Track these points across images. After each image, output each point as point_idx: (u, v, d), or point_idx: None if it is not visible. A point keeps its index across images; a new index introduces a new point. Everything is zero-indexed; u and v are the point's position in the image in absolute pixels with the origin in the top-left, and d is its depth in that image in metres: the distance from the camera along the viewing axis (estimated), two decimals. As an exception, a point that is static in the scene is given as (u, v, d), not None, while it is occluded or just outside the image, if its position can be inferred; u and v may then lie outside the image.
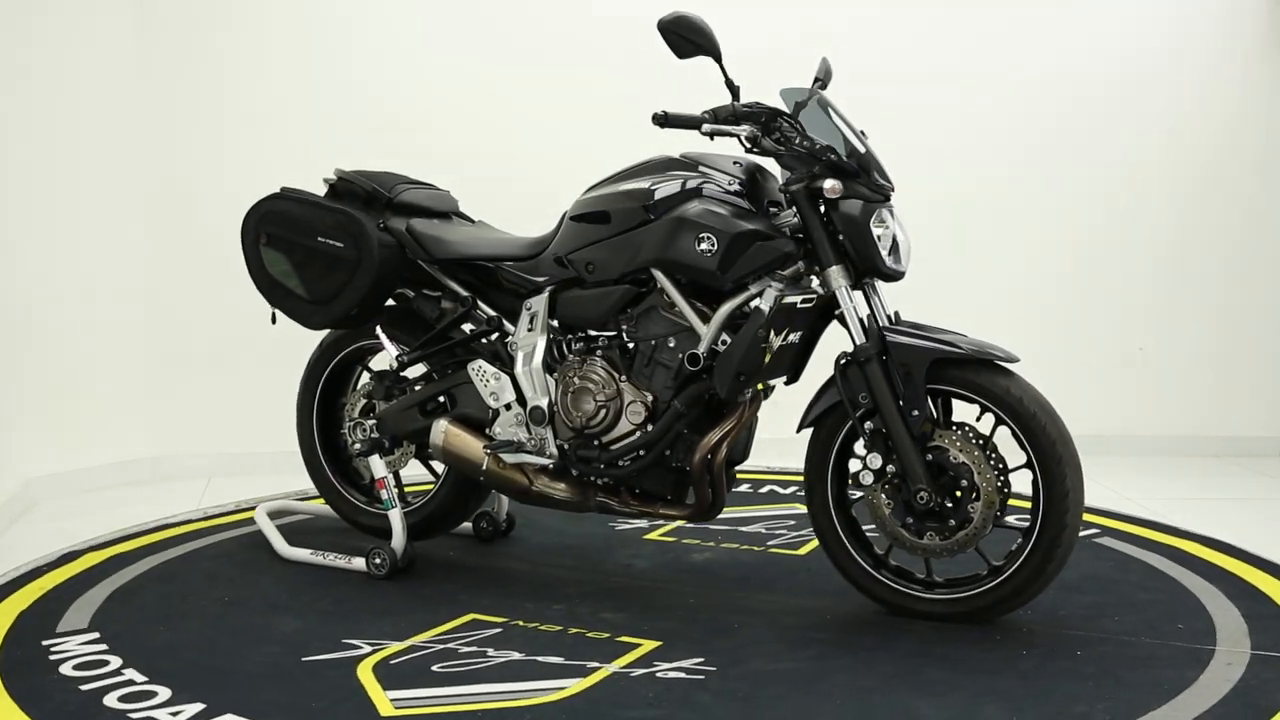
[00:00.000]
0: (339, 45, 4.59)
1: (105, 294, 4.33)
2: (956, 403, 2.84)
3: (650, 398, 2.92)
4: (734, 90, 2.89)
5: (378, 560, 3.16)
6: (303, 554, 3.33)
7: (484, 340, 3.19)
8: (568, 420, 3.00)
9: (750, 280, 2.81)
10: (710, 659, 2.60)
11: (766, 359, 2.80)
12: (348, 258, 3.15)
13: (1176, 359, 4.95)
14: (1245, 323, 4.96)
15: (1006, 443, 2.76)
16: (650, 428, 2.91)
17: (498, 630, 2.77)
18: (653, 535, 3.59)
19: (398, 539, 3.19)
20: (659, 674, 2.53)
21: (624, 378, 2.96)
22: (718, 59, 2.83)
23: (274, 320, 3.37)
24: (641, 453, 2.92)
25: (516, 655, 2.62)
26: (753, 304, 2.82)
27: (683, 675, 2.52)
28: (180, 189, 4.43)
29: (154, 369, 4.46)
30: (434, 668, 2.55)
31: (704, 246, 2.80)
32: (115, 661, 2.57)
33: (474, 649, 2.66)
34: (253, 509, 3.79)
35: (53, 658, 2.60)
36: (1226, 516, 3.85)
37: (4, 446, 3.90)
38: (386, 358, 3.35)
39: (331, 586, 3.11)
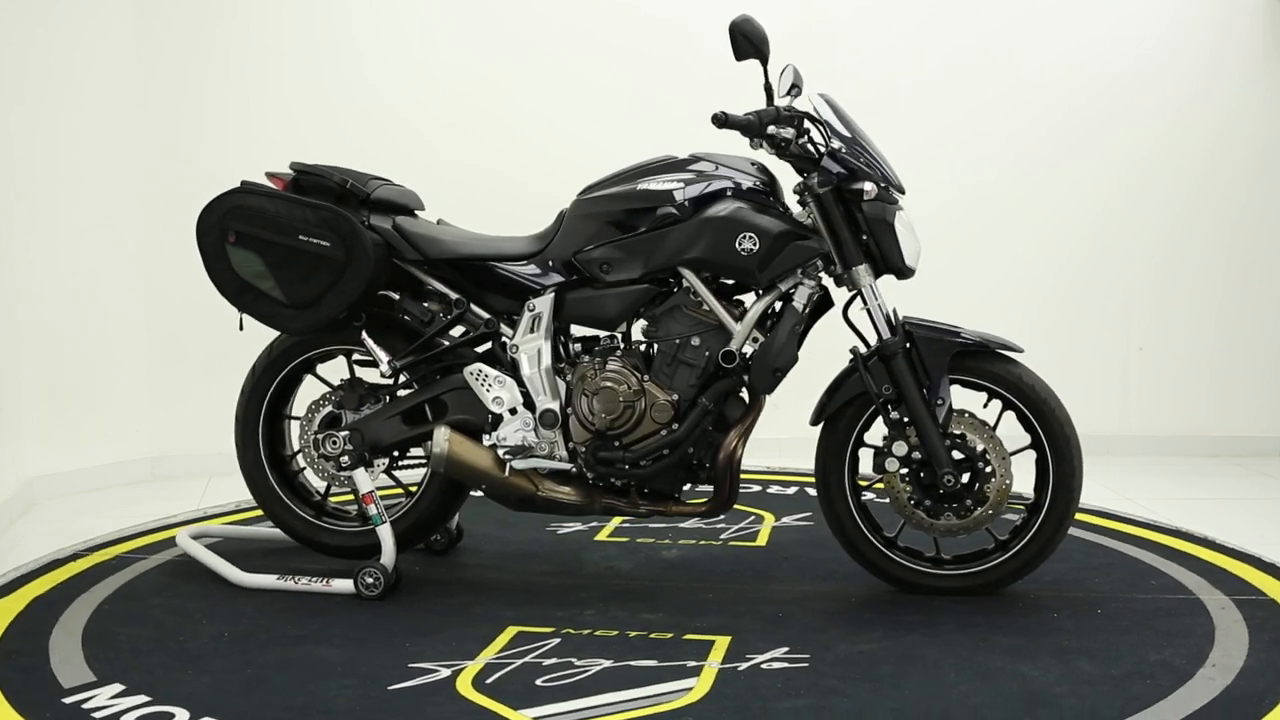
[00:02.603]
0: (344, 44, 4.57)
1: (106, 294, 4.32)
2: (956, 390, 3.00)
3: (675, 397, 2.94)
4: (770, 94, 2.96)
5: (370, 580, 2.96)
6: (266, 580, 3.05)
7: (483, 343, 3.10)
8: (586, 423, 2.97)
9: (780, 279, 2.90)
10: (794, 648, 2.63)
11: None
12: (335, 258, 2.95)
13: (1176, 359, 4.96)
14: (1245, 323, 4.97)
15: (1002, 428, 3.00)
16: (676, 427, 2.93)
17: (556, 641, 2.67)
18: (602, 537, 3.56)
19: (389, 555, 3.00)
20: (764, 666, 2.53)
21: (646, 377, 2.96)
22: (765, 63, 2.91)
23: (241, 326, 3.14)
24: (666, 452, 2.94)
25: (606, 662, 2.54)
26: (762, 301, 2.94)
27: (787, 665, 2.54)
28: (181, 189, 4.40)
29: (154, 369, 4.45)
30: (538, 682, 2.44)
31: (746, 246, 2.86)
32: (181, 714, 2.30)
33: (556, 660, 2.55)
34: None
35: (99, 715, 2.30)
36: (1227, 516, 3.87)
37: (4, 446, 3.88)
38: (339, 365, 3.19)
39: (328, 612, 2.88)
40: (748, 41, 2.86)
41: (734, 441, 2.93)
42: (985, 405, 2.99)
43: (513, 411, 3.00)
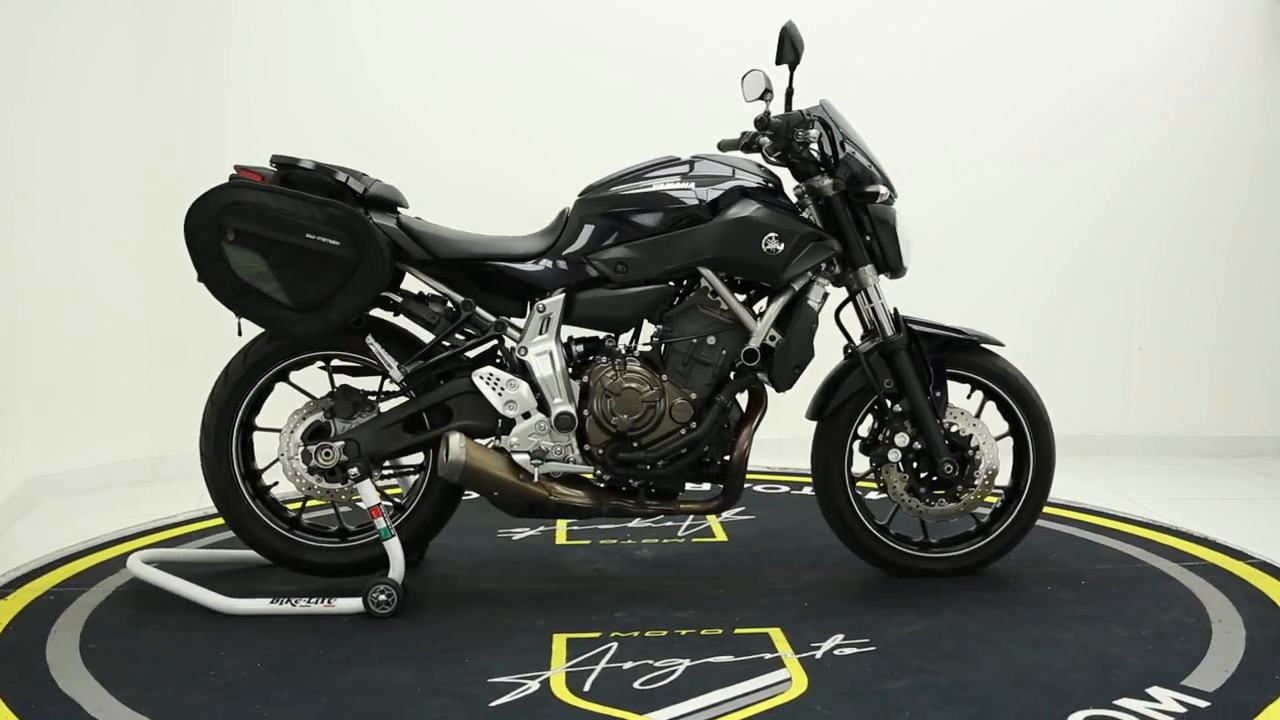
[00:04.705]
0: (344, 44, 4.56)
1: (106, 294, 4.32)
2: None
3: (694, 396, 2.96)
4: (790, 98, 3.03)
5: (382, 597, 2.83)
6: (257, 605, 2.86)
7: (493, 346, 3.02)
8: (605, 424, 2.94)
9: (795, 278, 2.98)
10: (848, 634, 2.73)
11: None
12: (345, 258, 2.80)
13: (1177, 359, 4.96)
14: (1246, 323, 4.97)
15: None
16: (695, 426, 2.96)
17: (614, 645, 2.66)
18: (562, 540, 3.54)
19: (398, 570, 2.88)
20: (837, 653, 2.62)
21: (664, 377, 2.97)
22: (794, 69, 2.98)
23: (240, 332, 2.96)
24: (684, 451, 2.96)
25: (685, 661, 2.56)
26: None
27: (858, 650, 2.64)
28: (181, 189, 4.36)
29: (154, 369, 4.45)
30: (635, 685, 2.44)
31: (772, 246, 2.92)
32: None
33: (633, 664, 2.55)
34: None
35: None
36: (1227, 517, 3.87)
37: (4, 446, 3.88)
38: (307, 373, 3.06)
39: (348, 633, 2.76)
40: (792, 47, 2.94)
41: (746, 439, 2.99)
42: (969, 396, 3.18)
43: (526, 415, 2.95)
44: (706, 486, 3.13)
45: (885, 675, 2.49)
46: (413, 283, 3.04)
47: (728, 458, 3.02)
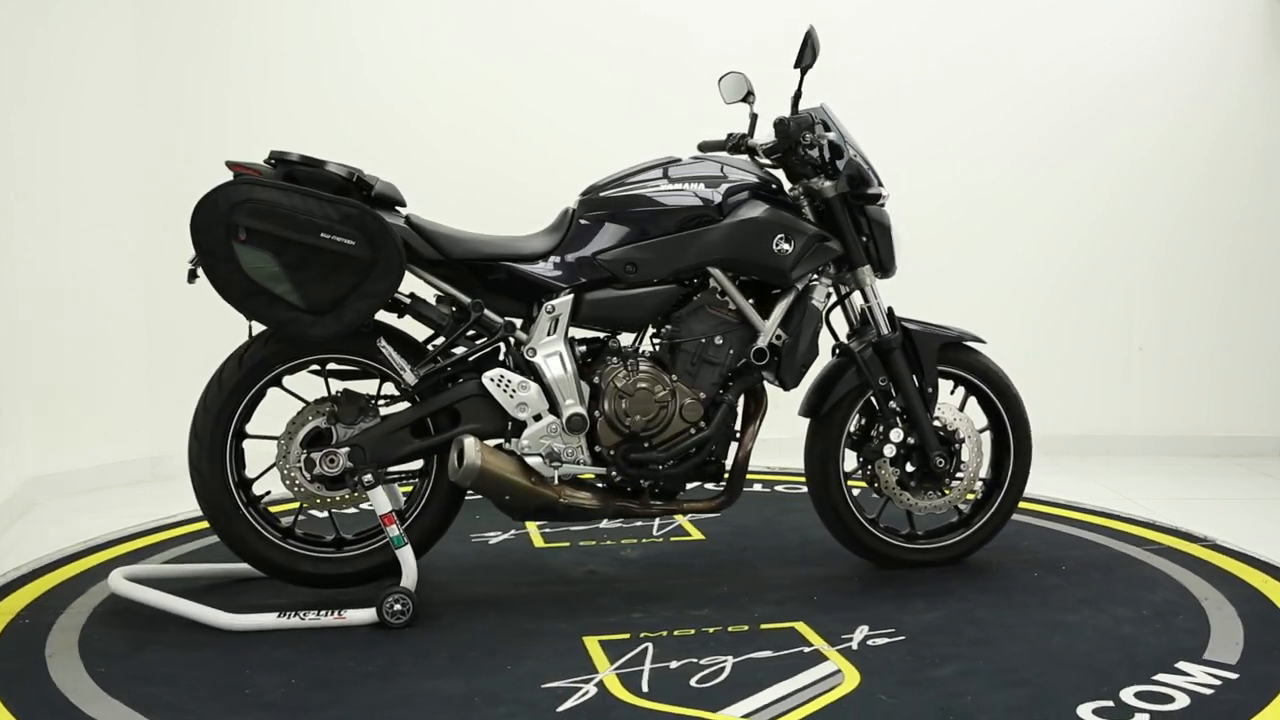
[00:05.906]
0: (344, 44, 4.56)
1: (106, 294, 4.32)
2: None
3: (703, 395, 2.98)
4: (795, 102, 3.07)
5: (398, 606, 2.75)
6: (263, 621, 2.74)
7: (502, 347, 2.96)
8: (618, 425, 2.93)
9: (801, 279, 3.02)
10: (873, 625, 2.77)
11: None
12: (359, 258, 2.69)
13: (1177, 359, 4.96)
14: (1246, 323, 4.97)
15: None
16: (704, 425, 2.96)
17: (649, 646, 2.64)
18: (541, 544, 3.52)
19: (411, 578, 2.80)
20: (870, 643, 2.66)
21: (673, 378, 2.97)
22: (805, 73, 3.03)
23: (250, 333, 2.85)
24: (693, 451, 2.96)
25: (729, 658, 2.56)
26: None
27: (889, 640, 2.68)
28: (181, 189, 4.38)
29: (154, 369, 4.45)
30: (692, 683, 2.43)
31: (783, 247, 2.96)
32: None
33: (678, 664, 2.53)
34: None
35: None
36: (1227, 516, 3.87)
37: (4, 446, 3.88)
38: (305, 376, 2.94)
39: (372, 645, 2.66)
40: (812, 51, 3.00)
41: (750, 439, 3.02)
42: (952, 391, 3.25)
43: (537, 417, 2.92)
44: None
45: (929, 663, 2.54)
46: (408, 284, 3.01)
47: (730, 457, 3.03)
